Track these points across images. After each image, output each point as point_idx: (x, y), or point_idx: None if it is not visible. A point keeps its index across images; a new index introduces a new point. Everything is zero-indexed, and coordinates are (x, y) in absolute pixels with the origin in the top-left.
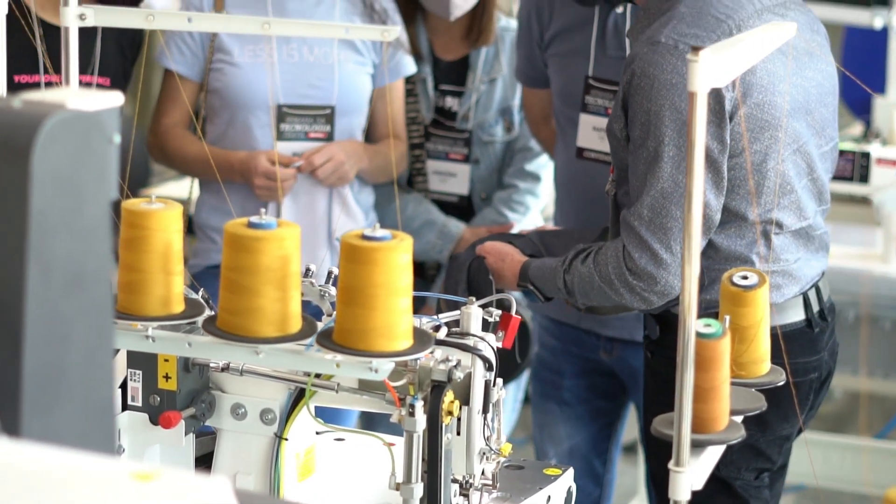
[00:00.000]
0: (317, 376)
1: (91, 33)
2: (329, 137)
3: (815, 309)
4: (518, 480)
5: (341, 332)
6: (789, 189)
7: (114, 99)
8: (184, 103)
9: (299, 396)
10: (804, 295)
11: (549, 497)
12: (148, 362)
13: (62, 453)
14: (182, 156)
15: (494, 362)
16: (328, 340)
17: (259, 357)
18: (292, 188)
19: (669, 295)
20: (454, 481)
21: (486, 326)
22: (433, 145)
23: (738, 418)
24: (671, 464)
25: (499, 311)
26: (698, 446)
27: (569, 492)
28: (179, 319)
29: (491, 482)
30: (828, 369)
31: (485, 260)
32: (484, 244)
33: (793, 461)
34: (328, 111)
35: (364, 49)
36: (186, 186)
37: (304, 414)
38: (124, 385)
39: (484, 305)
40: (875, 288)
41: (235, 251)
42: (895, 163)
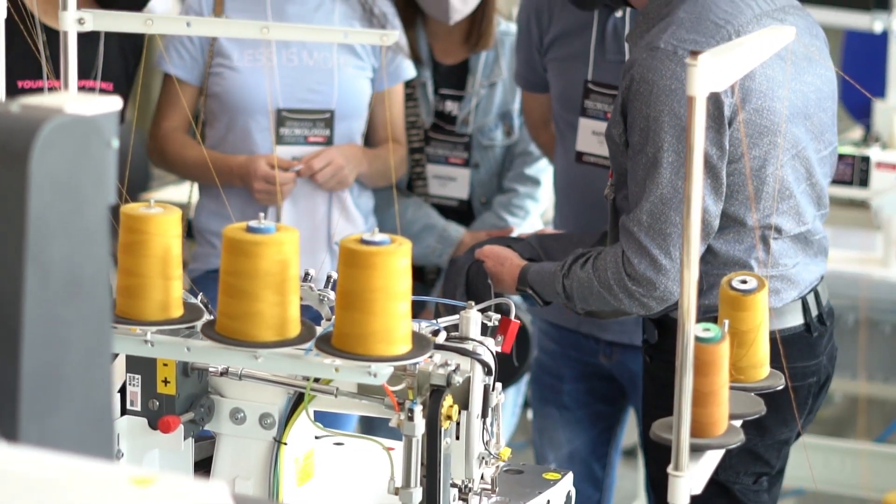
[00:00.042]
0: (316, 381)
1: (94, 38)
2: (328, 142)
3: (814, 313)
4: (517, 485)
5: (340, 337)
6: (788, 194)
7: (112, 103)
8: (183, 108)
9: (298, 401)
10: (803, 299)
11: (549, 501)
12: (147, 367)
13: (60, 458)
14: (182, 160)
15: (493, 367)
16: (327, 345)
17: (258, 361)
18: (292, 192)
19: (668, 301)
20: (453, 486)
21: (485, 331)
22: (433, 149)
23: (737, 422)
24: (670, 468)
25: (498, 316)
26: (697, 450)
27: (568, 496)
28: (178, 324)
29: (490, 486)
30: (826, 373)
31: (483, 264)
32: (483, 248)
33: (792, 465)
34: (327, 115)
35: (363, 53)
36: (186, 191)
37: (303, 418)
38: (123, 389)
39: (483, 310)
40: (875, 292)
41: (234, 255)
42: (895, 167)
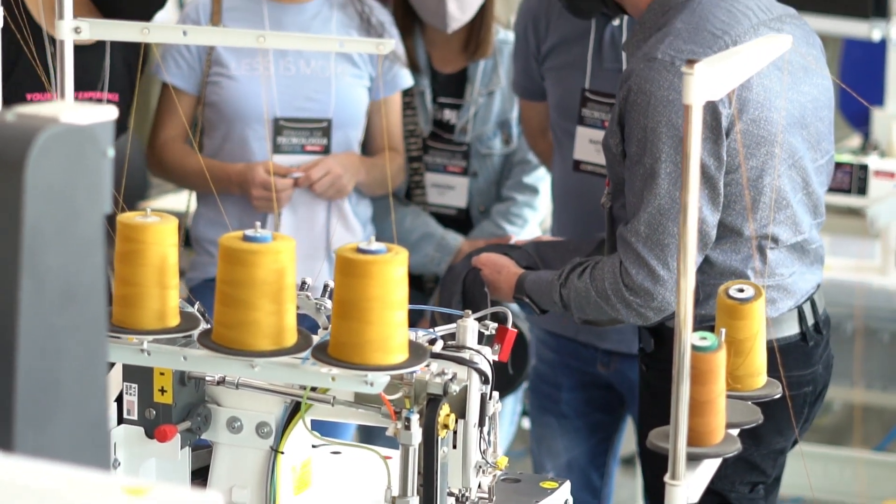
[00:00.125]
0: (312, 390)
1: (100, 50)
2: (326, 150)
3: (810, 322)
4: (514, 494)
5: (337, 346)
6: (785, 204)
7: (107, 112)
8: (181, 117)
9: (295, 410)
10: (799, 308)
11: None
12: (143, 376)
13: (55, 468)
14: (180, 169)
15: (490, 375)
16: (324, 354)
17: (254, 370)
18: (291, 200)
19: (666, 311)
20: (450, 495)
21: (482, 339)
22: (431, 158)
23: (734, 431)
24: (667, 477)
25: (495, 324)
26: (694, 459)
27: None
28: (175, 333)
29: (487, 496)
30: (823, 382)
31: (480, 272)
32: (480, 256)
33: (790, 473)
34: (325, 124)
35: (361, 62)
36: (184, 199)
37: (300, 427)
38: (120, 398)
39: (480, 318)
40: (873, 300)
41: (230, 264)
42: (893, 175)
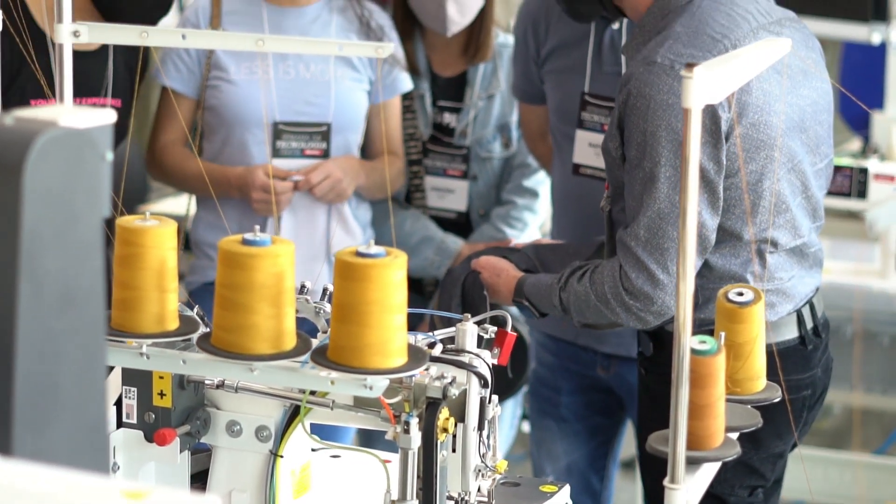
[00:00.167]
0: (312, 393)
1: (102, 56)
2: (325, 155)
3: (809, 326)
4: (514, 497)
5: (336, 350)
6: (784, 208)
7: (106, 116)
8: (180, 120)
9: (294, 413)
10: (798, 312)
11: None
12: (143, 379)
13: (54, 472)
14: (180, 173)
15: (490, 379)
16: (323, 357)
17: (254, 374)
18: (291, 204)
19: (666, 315)
20: (450, 498)
21: (481, 343)
22: (431, 161)
23: (734, 435)
24: (666, 481)
25: (494, 328)
26: (693, 463)
27: None
28: (174, 336)
29: (486, 499)
30: (822, 386)
31: (480, 275)
32: (479, 259)
33: (790, 477)
34: (324, 128)
35: (360, 66)
36: (184, 203)
37: (300, 431)
38: (119, 402)
39: (479, 322)
40: (873, 304)
41: (229, 268)
42: (893, 178)
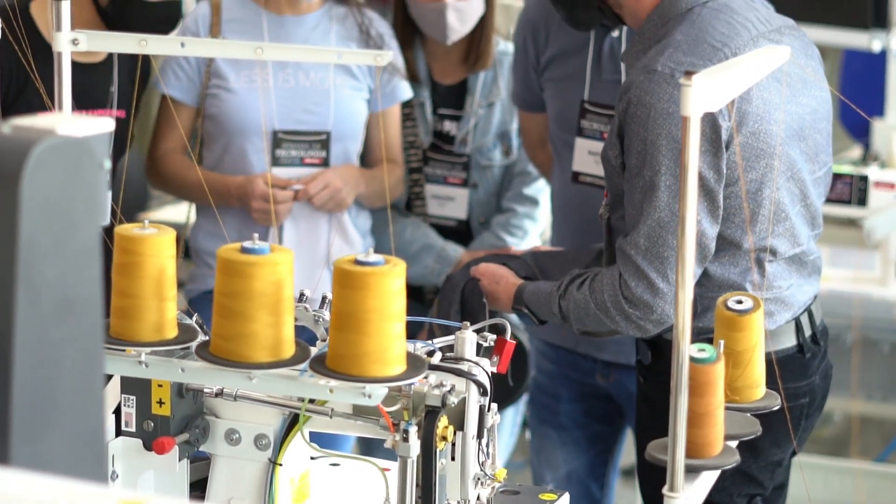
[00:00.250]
0: (311, 401)
1: (107, 68)
2: (325, 163)
3: (808, 333)
4: None
5: (335, 358)
6: (783, 216)
7: (104, 125)
8: (180, 129)
9: (293, 422)
10: (796, 320)
11: None
12: (141, 388)
13: (52, 480)
14: (180, 181)
15: (489, 387)
16: (321, 366)
17: (252, 382)
18: (291, 213)
19: (665, 323)
20: None
21: (480, 351)
22: (431, 169)
23: (733, 443)
24: (665, 489)
25: (493, 336)
26: (692, 471)
27: None
28: (173, 345)
29: None
30: (821, 393)
31: (479, 282)
32: (478, 266)
33: (790, 484)
34: (324, 137)
35: (360, 74)
36: (184, 211)
37: (299, 439)
38: (118, 411)
39: (478, 330)
40: (872, 311)
41: (228, 276)
42: (893, 186)
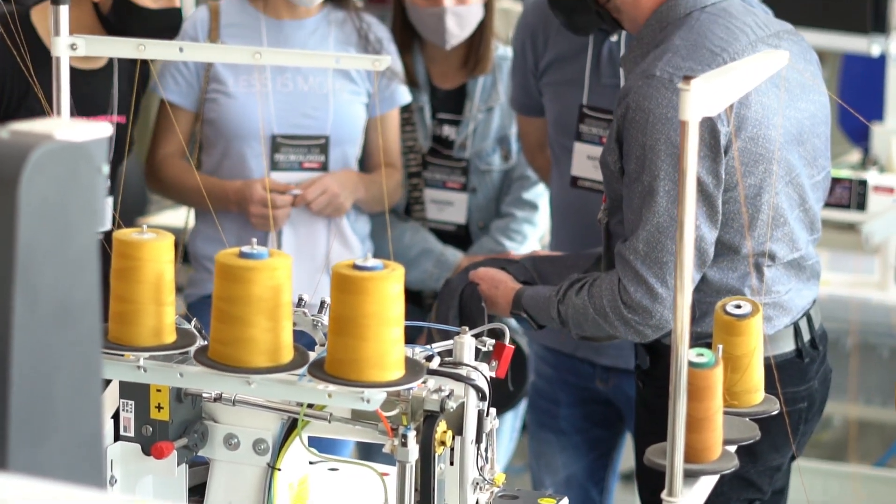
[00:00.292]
0: (309, 406)
1: (107, 75)
2: (323, 167)
3: (806, 338)
4: None
5: (333, 363)
6: (782, 221)
7: (102, 129)
8: (179, 133)
9: (292, 426)
10: (795, 325)
11: None
12: (140, 392)
13: (49, 486)
14: (179, 186)
15: (487, 392)
16: (320, 371)
17: (251, 387)
18: (289, 218)
19: (664, 328)
20: None
21: (479, 355)
22: (430, 174)
23: (732, 448)
24: (664, 494)
25: (492, 341)
26: (691, 476)
27: None
28: (171, 349)
29: None
30: (820, 398)
31: (478, 286)
32: (477, 270)
33: (789, 489)
34: (322, 141)
35: (359, 79)
36: (183, 215)
37: (297, 444)
38: (116, 415)
39: (477, 335)
40: (871, 316)
41: (227, 281)
42: (892, 190)
